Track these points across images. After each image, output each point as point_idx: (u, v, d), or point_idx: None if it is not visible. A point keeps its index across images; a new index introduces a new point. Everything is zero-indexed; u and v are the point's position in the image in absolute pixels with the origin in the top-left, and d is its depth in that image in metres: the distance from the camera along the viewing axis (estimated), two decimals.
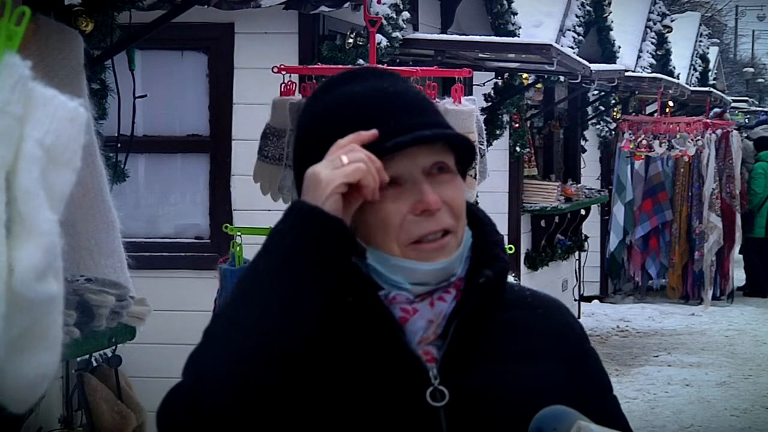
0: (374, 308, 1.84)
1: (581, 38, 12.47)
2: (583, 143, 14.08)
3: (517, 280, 4.19)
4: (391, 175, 1.82)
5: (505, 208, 10.95)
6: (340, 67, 5.72)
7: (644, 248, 14.58)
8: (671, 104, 15.28)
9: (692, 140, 13.91)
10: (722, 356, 11.58)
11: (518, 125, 10.94)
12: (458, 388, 1.84)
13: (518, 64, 9.61)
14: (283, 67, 5.08)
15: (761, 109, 29.00)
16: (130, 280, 3.86)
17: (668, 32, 17.32)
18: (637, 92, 14.66)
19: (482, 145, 5.35)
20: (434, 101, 3.35)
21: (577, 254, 13.41)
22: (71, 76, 3.69)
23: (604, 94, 13.99)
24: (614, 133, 14.96)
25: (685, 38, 20.42)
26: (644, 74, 14.18)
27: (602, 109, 14.62)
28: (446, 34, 9.23)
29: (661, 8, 17.49)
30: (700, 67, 21.54)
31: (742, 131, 17.68)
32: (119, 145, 4.75)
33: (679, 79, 16.83)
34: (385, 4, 7.10)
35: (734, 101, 26.19)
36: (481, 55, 8.98)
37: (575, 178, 13.49)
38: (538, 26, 11.80)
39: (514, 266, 10.33)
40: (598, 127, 14.90)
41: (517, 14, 10.21)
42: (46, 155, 1.46)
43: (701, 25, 22.34)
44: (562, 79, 11.24)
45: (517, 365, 1.90)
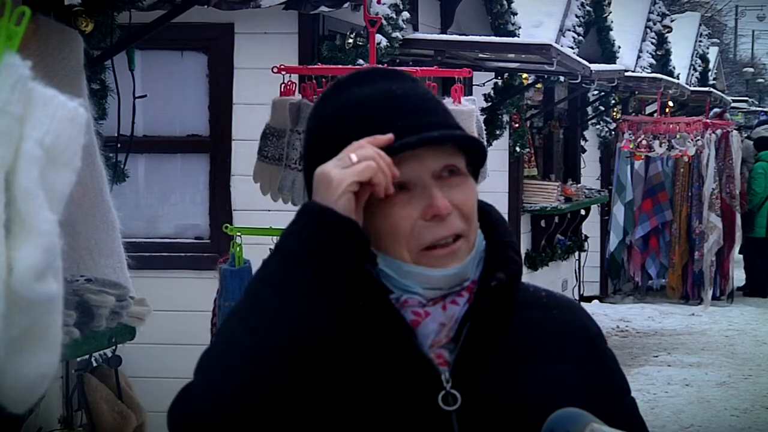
0: (385, 311, 1.81)
1: (581, 38, 12.47)
2: (583, 143, 14.08)
3: None
4: (400, 179, 1.80)
5: (505, 208, 10.93)
6: (339, 67, 5.71)
7: (644, 248, 14.57)
8: (671, 104, 15.28)
9: (692, 140, 13.91)
10: (722, 356, 11.57)
11: (518, 125, 10.94)
12: (470, 391, 1.81)
13: (518, 64, 9.61)
14: (282, 67, 5.07)
15: (761, 109, 28.98)
16: (130, 280, 3.86)
17: (668, 32, 17.32)
18: (637, 92, 14.66)
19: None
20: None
21: (577, 254, 13.42)
22: (71, 76, 3.69)
23: (603, 94, 13.99)
24: (614, 133, 14.95)
25: (684, 38, 20.42)
26: (644, 74, 14.17)
27: (602, 109, 14.61)
28: (446, 34, 9.23)
29: (661, 8, 17.49)
30: (700, 67, 21.54)
31: (742, 131, 17.68)
32: (119, 145, 4.75)
33: (679, 79, 16.82)
34: (385, 4, 7.10)
35: (734, 101, 26.15)
36: (480, 55, 8.98)
37: (575, 178, 13.50)
38: (538, 26, 11.80)
39: None
40: (598, 127, 14.90)
41: (517, 14, 10.21)
42: (45, 155, 1.45)
43: (701, 25, 22.34)
44: (562, 79, 11.23)
45: (531, 368, 1.87)
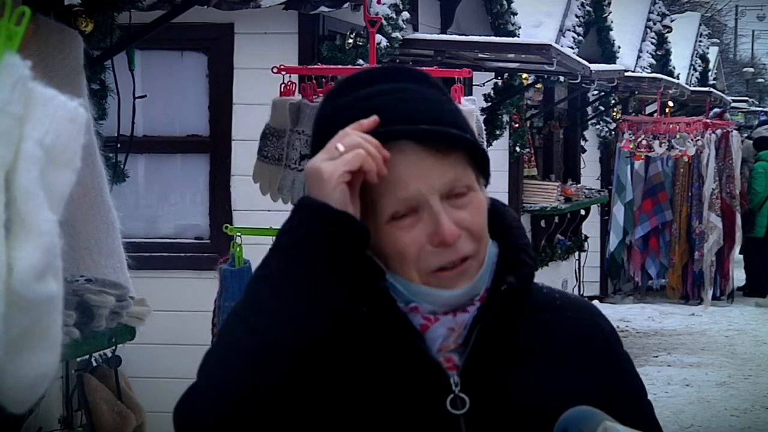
0: (394, 317, 1.79)
1: (581, 38, 12.48)
2: (582, 143, 14.08)
3: None
4: (404, 199, 1.76)
5: None
6: (339, 67, 5.72)
7: (644, 248, 14.57)
8: (671, 104, 15.29)
9: (692, 140, 13.91)
10: (722, 356, 11.57)
11: (518, 125, 10.95)
12: (479, 395, 1.79)
13: (518, 64, 9.61)
14: (282, 67, 5.07)
15: (761, 109, 29.00)
16: (129, 280, 3.86)
17: (668, 32, 17.32)
18: (636, 92, 14.66)
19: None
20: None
21: (576, 254, 13.42)
22: (71, 76, 3.69)
23: (603, 94, 13.99)
24: (614, 133, 14.95)
25: (684, 38, 20.43)
26: (644, 74, 14.18)
27: (602, 109, 14.62)
28: (446, 34, 9.23)
29: (660, 8, 17.50)
30: (699, 67, 21.56)
31: (742, 131, 17.68)
32: (119, 145, 4.76)
33: (678, 79, 16.83)
34: (384, 4, 7.10)
35: (734, 101, 26.17)
36: (480, 55, 8.98)
37: (575, 178, 13.50)
38: (537, 26, 11.81)
39: None
40: (597, 127, 14.90)
41: (516, 14, 10.22)
42: (45, 155, 1.45)
43: (701, 25, 22.35)
44: (561, 79, 11.24)
45: (541, 371, 1.83)
